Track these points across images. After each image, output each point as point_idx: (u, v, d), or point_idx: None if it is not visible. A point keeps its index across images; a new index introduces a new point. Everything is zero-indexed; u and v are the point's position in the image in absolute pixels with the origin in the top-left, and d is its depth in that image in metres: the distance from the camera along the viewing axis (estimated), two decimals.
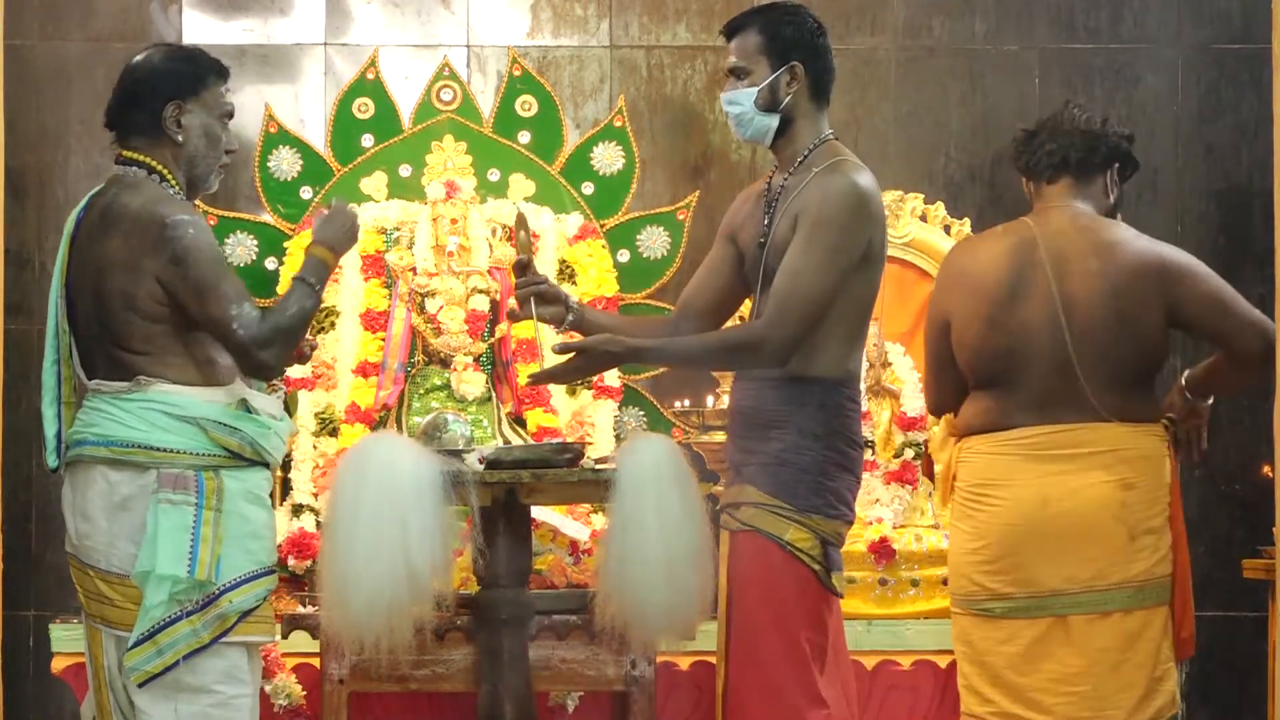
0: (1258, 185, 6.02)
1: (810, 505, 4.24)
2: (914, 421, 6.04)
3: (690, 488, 4.45)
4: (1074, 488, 4.73)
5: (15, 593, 5.85)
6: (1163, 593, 4.80)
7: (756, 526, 4.25)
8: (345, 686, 4.96)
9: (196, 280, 4.02)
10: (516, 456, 4.65)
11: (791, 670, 4.23)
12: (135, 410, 4.04)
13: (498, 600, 4.69)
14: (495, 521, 4.62)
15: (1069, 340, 4.74)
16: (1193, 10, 6.51)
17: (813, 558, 4.24)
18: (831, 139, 4.37)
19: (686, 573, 4.39)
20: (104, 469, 4.05)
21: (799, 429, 4.24)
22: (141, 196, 4.08)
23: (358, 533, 4.32)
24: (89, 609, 4.08)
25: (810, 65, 4.34)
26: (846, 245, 4.21)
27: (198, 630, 4.03)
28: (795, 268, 4.19)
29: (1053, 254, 4.81)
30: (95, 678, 4.12)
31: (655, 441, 4.58)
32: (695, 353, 4.35)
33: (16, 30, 6.05)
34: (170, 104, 4.16)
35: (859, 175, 4.26)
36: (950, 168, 6.51)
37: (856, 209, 4.22)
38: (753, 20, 4.37)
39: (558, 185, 6.29)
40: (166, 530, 4.00)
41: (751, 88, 4.34)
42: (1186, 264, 4.84)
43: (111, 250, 4.04)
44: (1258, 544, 5.64)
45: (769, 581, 4.25)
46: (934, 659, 5.64)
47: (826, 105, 4.40)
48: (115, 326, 4.05)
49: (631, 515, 4.42)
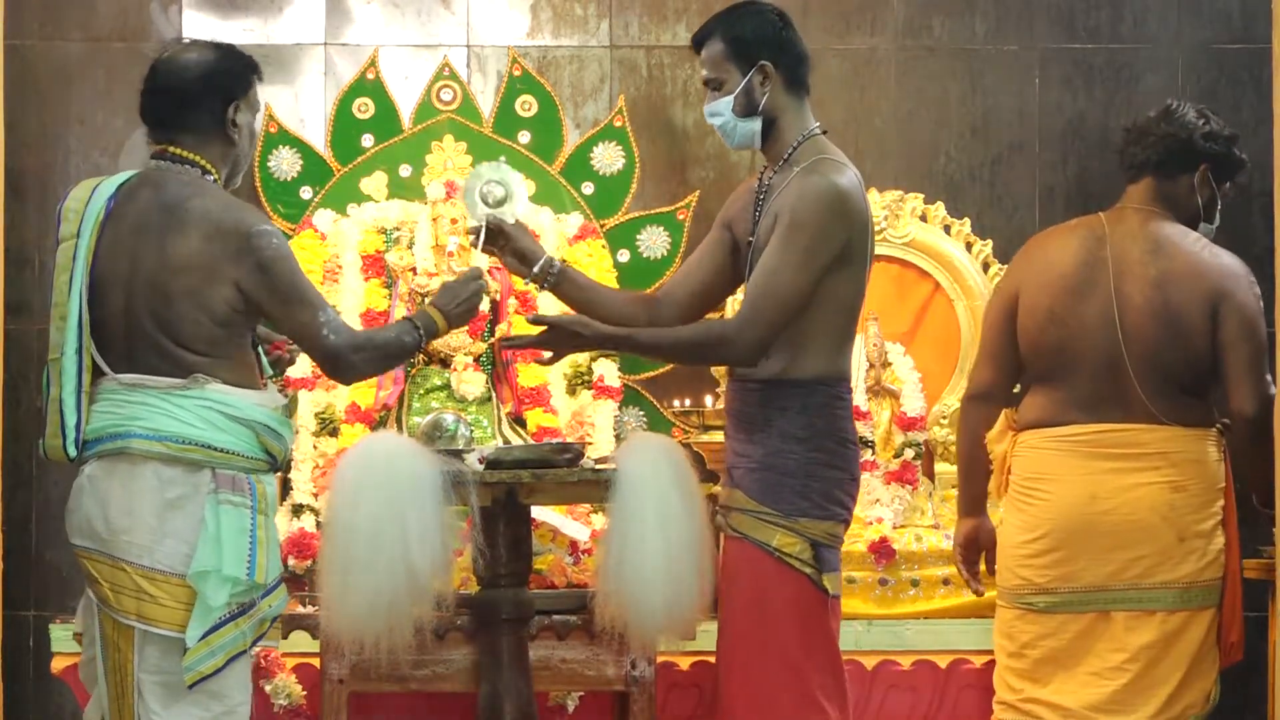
0: (1258, 185, 6.01)
1: (796, 509, 4.19)
2: (914, 421, 6.04)
3: (690, 488, 4.45)
4: (1122, 486, 4.76)
5: (15, 593, 5.85)
6: (1210, 596, 4.84)
7: (744, 533, 4.23)
8: (345, 686, 4.96)
9: (284, 289, 4.05)
10: (516, 456, 4.65)
11: (783, 678, 4.19)
12: (192, 408, 4.03)
13: (498, 600, 4.69)
14: (495, 521, 4.62)
15: (1122, 341, 4.77)
16: (1193, 10, 6.51)
17: (803, 561, 4.19)
18: (817, 134, 4.31)
19: (686, 573, 4.39)
20: (156, 464, 4.01)
21: (781, 432, 4.20)
22: (216, 200, 4.08)
23: (358, 533, 4.32)
24: (119, 605, 4.01)
25: (779, 60, 4.29)
26: (821, 247, 4.15)
27: (245, 633, 4.04)
28: (768, 268, 4.16)
29: (1117, 254, 4.85)
30: (116, 673, 4.04)
31: (655, 441, 4.58)
32: (664, 345, 4.34)
33: (16, 30, 6.05)
34: (232, 104, 4.16)
35: (837, 175, 4.20)
36: (950, 168, 6.51)
37: (832, 209, 4.17)
38: (714, 28, 4.33)
39: (558, 185, 6.29)
40: (230, 531, 4.00)
41: (727, 96, 4.31)
42: (1236, 289, 4.85)
43: (185, 251, 4.03)
44: (1258, 544, 5.63)
45: (759, 588, 4.21)
46: (934, 659, 5.64)
47: (807, 94, 4.34)
48: (179, 325, 4.03)
49: (631, 515, 4.42)
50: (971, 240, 6.25)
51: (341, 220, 6.17)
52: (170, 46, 4.27)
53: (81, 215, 4.10)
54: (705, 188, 6.42)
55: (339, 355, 4.10)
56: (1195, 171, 4.99)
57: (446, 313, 4.32)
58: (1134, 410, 4.81)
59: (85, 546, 4.07)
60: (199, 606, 3.99)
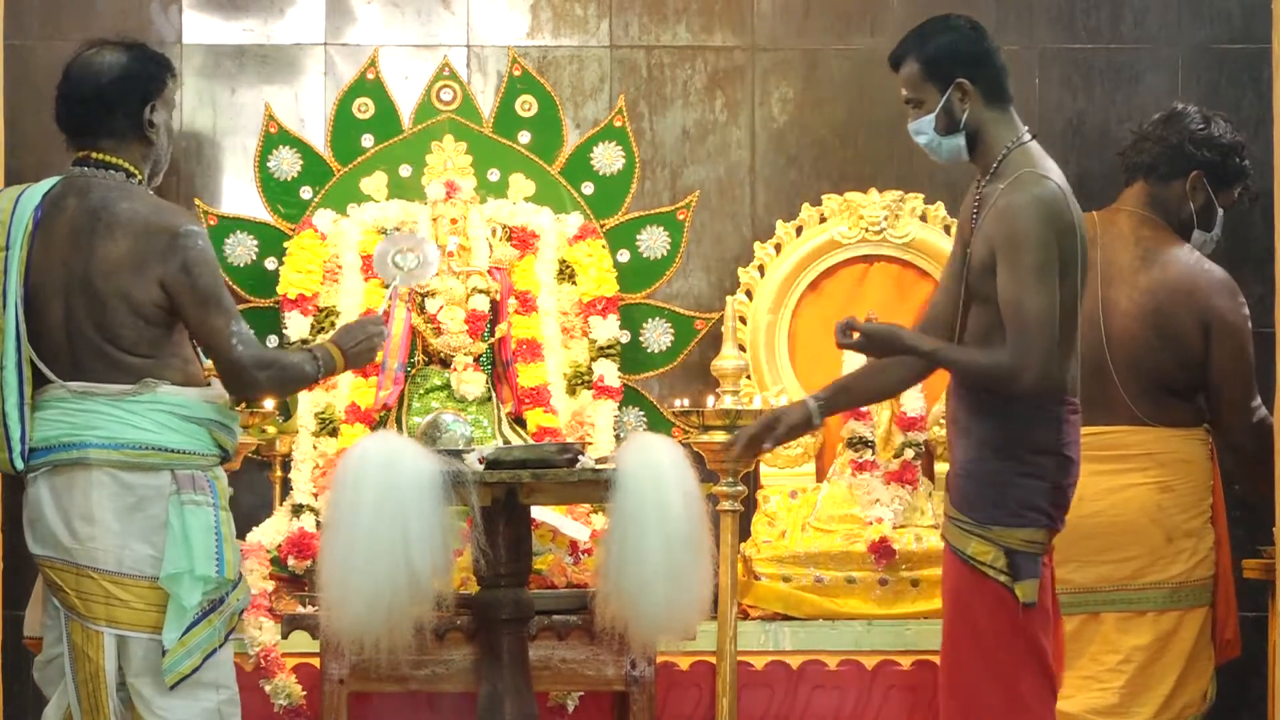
0: (1258, 185, 6.01)
1: (989, 517, 4.18)
2: (914, 421, 6.04)
3: (690, 488, 4.45)
4: (1110, 488, 4.76)
5: (15, 593, 5.84)
6: (1202, 595, 4.84)
7: (949, 540, 4.26)
8: (345, 686, 4.96)
9: (203, 291, 4.05)
10: (516, 456, 4.65)
11: (989, 685, 4.19)
12: (144, 412, 4.05)
13: (498, 600, 4.69)
14: (495, 521, 4.62)
15: (1106, 344, 4.76)
16: (1193, 10, 6.51)
17: (997, 569, 4.17)
18: (1024, 142, 4.28)
19: (686, 573, 4.39)
20: (115, 471, 4.03)
21: (980, 440, 4.21)
22: (144, 202, 4.10)
23: (358, 533, 4.33)
24: (88, 612, 4.05)
25: (976, 75, 4.26)
26: (1045, 258, 4.12)
27: (217, 629, 4.07)
28: (1011, 300, 4.13)
29: (1106, 257, 4.85)
30: (88, 684, 4.07)
31: (655, 441, 4.58)
32: (962, 367, 4.28)
33: (16, 30, 6.05)
34: (148, 105, 4.16)
35: (1038, 189, 4.17)
36: (950, 168, 6.48)
37: (1040, 221, 4.13)
38: (908, 49, 4.30)
39: (558, 185, 6.29)
40: (196, 531, 4.02)
41: (929, 115, 4.29)
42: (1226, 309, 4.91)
43: (116, 254, 4.04)
44: (1258, 544, 5.63)
45: (962, 595, 4.23)
46: (934, 659, 5.63)
47: (1009, 103, 4.32)
48: (117, 330, 4.05)
49: (631, 515, 4.42)
50: None
51: (341, 220, 6.17)
52: (80, 50, 4.24)
53: (7, 226, 4.08)
54: (705, 188, 6.42)
55: (243, 368, 4.09)
56: (1187, 177, 4.99)
57: (345, 351, 4.31)
58: (1119, 413, 4.80)
59: (49, 556, 4.10)
60: (173, 608, 4.02)
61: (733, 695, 5.26)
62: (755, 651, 5.63)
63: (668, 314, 6.30)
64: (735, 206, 6.46)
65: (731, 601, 5.24)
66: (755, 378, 6.17)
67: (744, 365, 5.62)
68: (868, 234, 6.25)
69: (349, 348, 4.31)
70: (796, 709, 5.65)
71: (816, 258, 6.27)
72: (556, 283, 6.12)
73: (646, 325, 6.28)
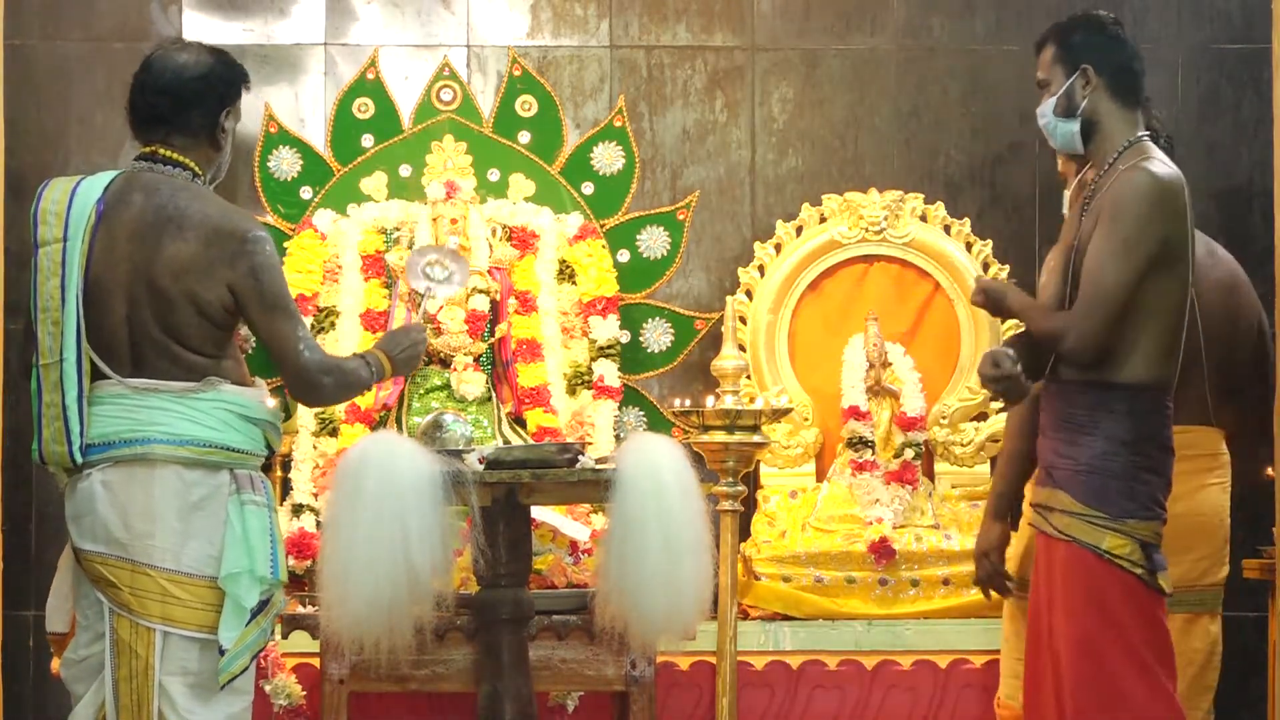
0: (1258, 185, 6.01)
1: (1124, 511, 4.25)
2: (914, 421, 6.04)
3: (690, 488, 4.45)
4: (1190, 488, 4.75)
5: (15, 593, 5.85)
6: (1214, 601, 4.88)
7: (1074, 536, 4.27)
8: (345, 686, 4.96)
9: (272, 296, 4.06)
10: (516, 456, 4.65)
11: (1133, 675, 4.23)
12: (209, 410, 4.05)
13: (498, 600, 4.69)
14: (495, 521, 4.62)
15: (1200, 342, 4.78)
16: (1193, 10, 6.51)
17: (1134, 562, 4.23)
18: (1145, 140, 4.38)
19: (686, 572, 4.39)
20: (178, 468, 4.02)
21: (1108, 435, 4.26)
22: (212, 204, 4.09)
23: (358, 533, 4.32)
24: (143, 609, 4.01)
25: (1103, 66, 4.39)
26: (1139, 237, 4.22)
27: (265, 630, 4.08)
28: (1094, 264, 4.25)
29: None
30: (130, 680, 4.02)
31: (655, 441, 4.58)
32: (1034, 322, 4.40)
33: (16, 30, 6.06)
34: (224, 109, 4.17)
35: (1159, 170, 4.28)
36: (950, 168, 6.51)
37: (1150, 201, 4.24)
38: (1050, 33, 4.48)
39: (558, 185, 6.29)
40: (255, 532, 4.04)
41: (1052, 98, 4.42)
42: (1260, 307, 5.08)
43: (185, 255, 4.03)
44: (1258, 544, 5.64)
45: (1094, 590, 4.25)
46: (934, 659, 5.64)
47: (1136, 104, 4.42)
48: (183, 329, 4.05)
49: (631, 515, 4.42)
50: (971, 240, 6.26)
51: (341, 220, 6.17)
52: (165, 45, 4.24)
53: (65, 218, 4.08)
54: (705, 188, 6.43)
55: (310, 373, 4.11)
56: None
57: (392, 357, 4.34)
58: (1195, 411, 4.82)
59: (99, 551, 4.04)
60: (231, 608, 4.01)
61: (733, 695, 5.26)
62: (755, 651, 5.63)
63: (668, 314, 6.31)
64: (735, 206, 6.47)
65: (731, 601, 5.24)
66: (755, 378, 6.17)
67: (744, 365, 5.62)
68: (868, 234, 6.26)
69: (396, 354, 4.34)
70: (796, 709, 5.66)
71: (816, 258, 6.27)
72: (556, 283, 6.12)
73: (646, 325, 6.29)
